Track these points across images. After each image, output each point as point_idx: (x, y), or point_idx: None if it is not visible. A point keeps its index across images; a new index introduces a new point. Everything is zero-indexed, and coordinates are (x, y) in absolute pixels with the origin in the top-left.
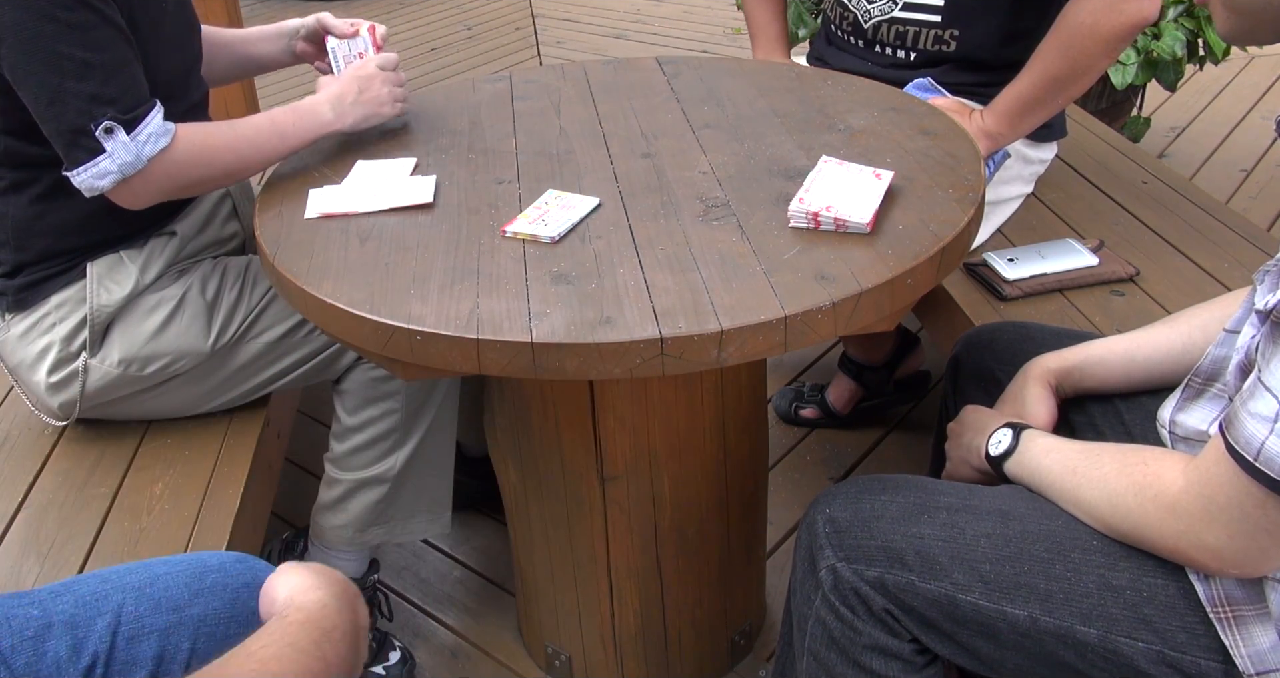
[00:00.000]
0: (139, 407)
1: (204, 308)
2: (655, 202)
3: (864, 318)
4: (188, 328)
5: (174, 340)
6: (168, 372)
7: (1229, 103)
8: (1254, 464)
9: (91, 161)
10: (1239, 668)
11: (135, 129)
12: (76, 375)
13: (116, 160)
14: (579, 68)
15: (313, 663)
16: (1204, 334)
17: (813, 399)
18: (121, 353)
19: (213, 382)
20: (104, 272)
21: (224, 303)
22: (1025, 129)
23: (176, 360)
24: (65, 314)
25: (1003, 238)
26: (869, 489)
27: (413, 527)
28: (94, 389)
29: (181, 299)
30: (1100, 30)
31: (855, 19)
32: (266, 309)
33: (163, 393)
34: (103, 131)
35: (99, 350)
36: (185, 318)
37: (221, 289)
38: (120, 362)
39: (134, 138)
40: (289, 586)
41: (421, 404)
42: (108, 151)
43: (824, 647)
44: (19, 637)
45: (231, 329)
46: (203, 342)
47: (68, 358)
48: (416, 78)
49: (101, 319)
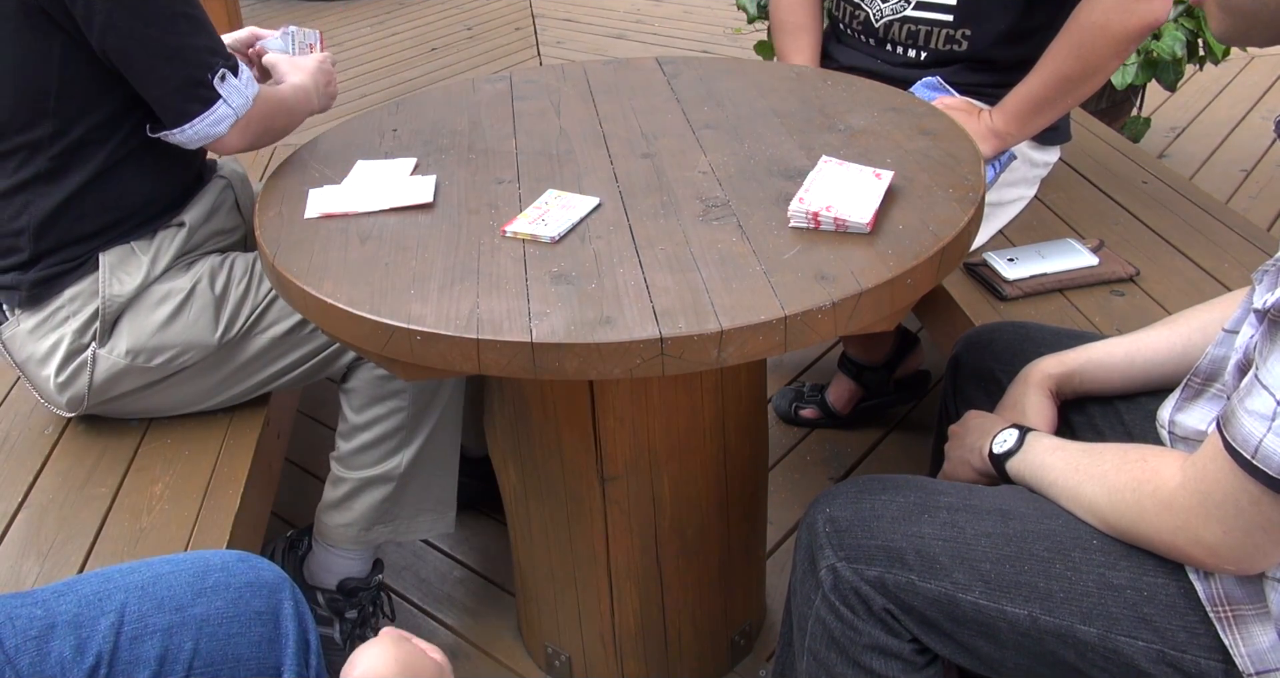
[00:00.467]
0: (144, 401)
1: (212, 301)
2: (655, 202)
3: (864, 318)
4: (196, 320)
5: (182, 333)
6: (175, 364)
7: (1229, 103)
8: (1251, 461)
9: (209, 111)
10: (1239, 667)
11: (239, 72)
12: (85, 367)
13: (233, 103)
14: (579, 68)
15: None
16: (1204, 336)
17: (813, 399)
18: (130, 343)
19: (218, 376)
20: (116, 262)
21: (231, 297)
22: (1034, 129)
23: (184, 352)
24: (78, 307)
25: (1003, 238)
26: (869, 489)
27: (418, 526)
28: (101, 380)
29: (191, 292)
30: (1112, 30)
31: (866, 17)
32: (273, 304)
33: (169, 386)
34: (219, 79)
35: (108, 341)
36: (194, 310)
37: (229, 283)
38: (128, 352)
39: (240, 79)
40: (368, 662)
41: (428, 403)
42: (223, 97)
43: (824, 647)
44: (23, 637)
45: (239, 323)
46: (210, 335)
47: (77, 350)
48: (417, 78)
49: (113, 310)
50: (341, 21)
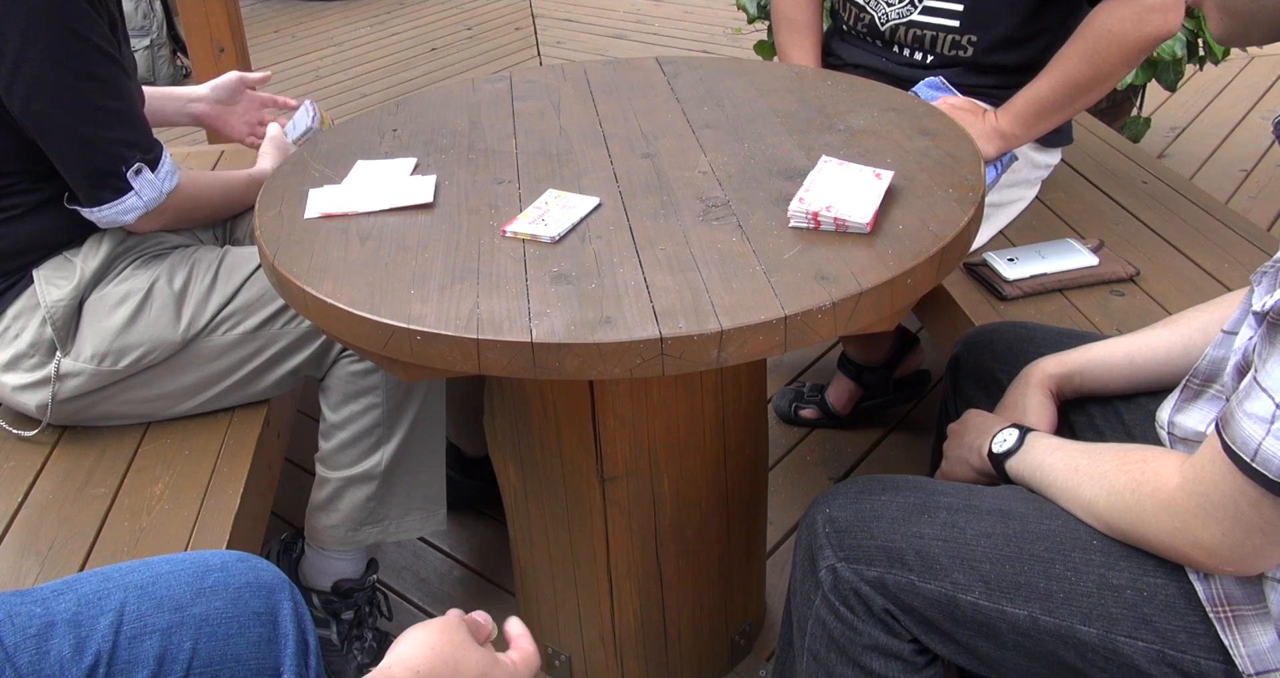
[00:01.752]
0: (125, 406)
1: (172, 298)
2: (655, 202)
3: (864, 318)
4: (156, 319)
5: (144, 332)
6: (142, 364)
7: (1229, 103)
8: (1250, 464)
9: (118, 200)
10: (1239, 668)
11: (157, 167)
12: (49, 379)
13: (144, 197)
14: (579, 68)
15: None
16: (1204, 336)
17: (813, 399)
18: (94, 348)
19: (195, 375)
20: (50, 273)
21: (193, 293)
22: (1038, 131)
23: (149, 352)
24: (24, 324)
25: (1003, 238)
26: (869, 489)
27: (407, 525)
28: (71, 388)
29: (149, 291)
30: (1126, 39)
31: (872, 20)
32: (241, 299)
33: (143, 386)
34: (132, 173)
35: (71, 347)
36: (154, 309)
37: (191, 279)
38: (93, 357)
39: (157, 175)
40: (406, 647)
41: (403, 398)
42: (134, 189)
43: (824, 647)
44: (22, 635)
45: (204, 319)
46: (173, 331)
47: (39, 363)
48: (417, 78)
49: (60, 315)
50: (341, 21)
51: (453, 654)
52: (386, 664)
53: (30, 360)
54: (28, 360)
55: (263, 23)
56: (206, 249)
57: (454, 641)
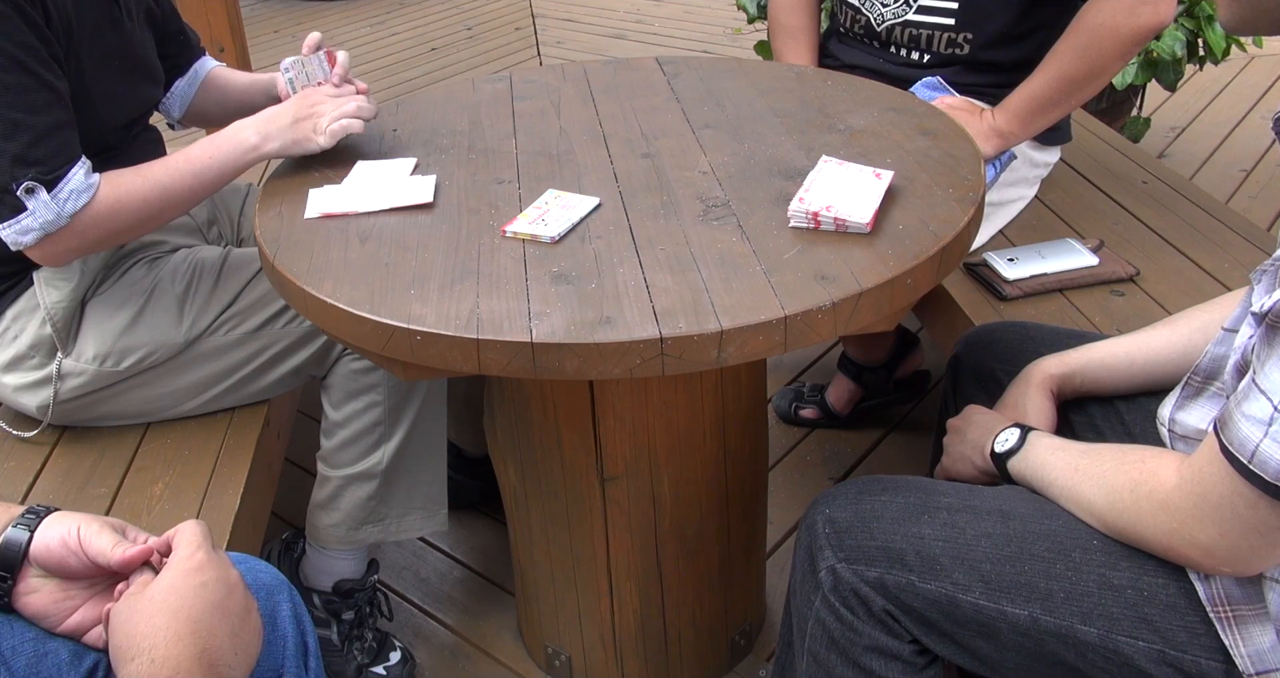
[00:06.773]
0: (126, 406)
1: (175, 299)
2: (655, 202)
3: (864, 318)
4: (159, 320)
5: (147, 333)
6: (144, 364)
7: (1229, 103)
8: (1248, 466)
9: (14, 218)
10: (1239, 668)
11: (55, 188)
12: (50, 380)
13: (39, 219)
14: (579, 68)
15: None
16: (1204, 336)
17: (813, 399)
18: (95, 349)
19: (197, 375)
20: (49, 274)
21: (197, 294)
22: (1036, 129)
23: (152, 353)
24: (24, 325)
25: (1003, 238)
26: (869, 489)
27: (408, 525)
28: (72, 388)
29: (152, 292)
30: (1119, 32)
31: (868, 21)
32: (243, 301)
33: (144, 385)
34: (24, 191)
35: (72, 348)
36: (157, 310)
37: (194, 280)
38: (95, 357)
39: (54, 196)
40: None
41: (404, 397)
42: (29, 210)
43: (824, 648)
44: (20, 637)
45: (206, 320)
46: (175, 332)
47: (40, 364)
48: (416, 78)
49: (60, 316)
50: (341, 21)
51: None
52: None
53: (31, 361)
54: (28, 361)
55: (263, 23)
56: (209, 250)
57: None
